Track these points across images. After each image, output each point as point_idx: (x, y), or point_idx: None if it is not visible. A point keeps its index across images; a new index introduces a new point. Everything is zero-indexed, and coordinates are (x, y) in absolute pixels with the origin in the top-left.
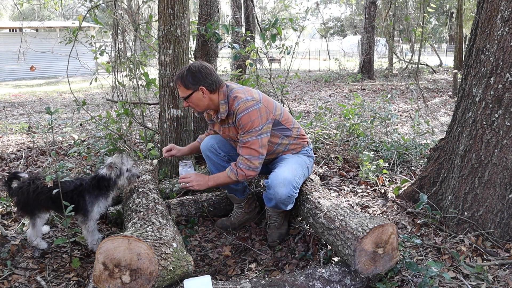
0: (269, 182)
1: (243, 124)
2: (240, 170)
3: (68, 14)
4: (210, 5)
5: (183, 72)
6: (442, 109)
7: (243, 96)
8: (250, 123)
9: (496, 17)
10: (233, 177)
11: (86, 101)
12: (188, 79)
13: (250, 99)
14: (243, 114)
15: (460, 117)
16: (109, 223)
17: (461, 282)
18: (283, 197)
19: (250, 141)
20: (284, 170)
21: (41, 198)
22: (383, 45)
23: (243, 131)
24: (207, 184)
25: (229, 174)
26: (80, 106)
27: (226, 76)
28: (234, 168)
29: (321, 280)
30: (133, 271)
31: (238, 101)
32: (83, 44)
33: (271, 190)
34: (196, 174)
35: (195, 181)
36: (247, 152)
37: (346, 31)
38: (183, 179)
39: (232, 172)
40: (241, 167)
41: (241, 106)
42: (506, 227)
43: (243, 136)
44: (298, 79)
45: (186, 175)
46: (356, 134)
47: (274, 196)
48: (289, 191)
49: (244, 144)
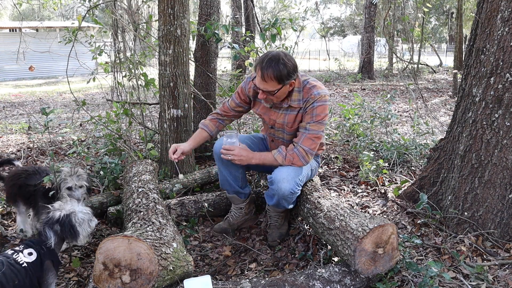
0: (272, 177)
1: (317, 113)
2: (291, 156)
3: (67, 14)
4: (210, 5)
5: (277, 66)
6: (442, 109)
7: (323, 88)
8: (323, 115)
9: (496, 17)
10: (279, 161)
11: (86, 101)
12: (285, 75)
13: (327, 93)
14: (320, 104)
15: (460, 117)
16: (109, 223)
17: (461, 282)
18: (286, 193)
19: (318, 134)
20: (288, 166)
21: (23, 191)
22: (383, 45)
23: (314, 120)
24: (250, 161)
25: (276, 157)
26: (80, 106)
27: (226, 76)
28: (284, 152)
29: (321, 280)
30: (133, 271)
31: (317, 90)
32: (83, 44)
33: (274, 185)
34: (240, 147)
35: (238, 155)
36: (309, 144)
37: (346, 31)
38: (226, 150)
39: (281, 156)
40: (296, 154)
41: (321, 96)
42: (506, 227)
43: (312, 125)
44: None
45: (230, 147)
46: (356, 134)
47: (276, 191)
48: (292, 187)
49: (311, 134)
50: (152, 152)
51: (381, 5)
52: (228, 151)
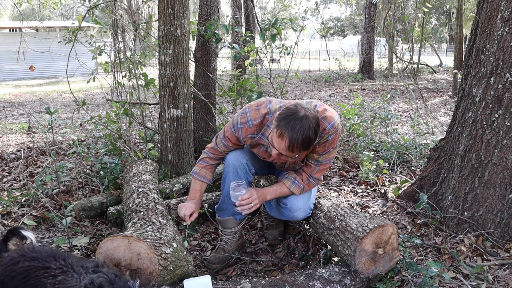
0: (288, 206)
1: (330, 144)
2: (307, 186)
3: (67, 14)
4: (210, 5)
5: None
6: (442, 109)
7: (333, 116)
8: (335, 143)
9: (496, 17)
10: (296, 192)
11: (86, 101)
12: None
13: (338, 118)
14: (335, 135)
15: (460, 117)
16: (109, 223)
17: (461, 282)
18: (299, 219)
19: (328, 163)
20: (304, 194)
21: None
22: (383, 45)
23: (326, 151)
24: (265, 198)
25: (292, 189)
26: (80, 106)
27: (226, 76)
28: (302, 184)
29: (321, 280)
30: (133, 271)
31: (329, 122)
32: (83, 44)
33: (290, 213)
34: (255, 189)
35: (254, 203)
36: (320, 174)
37: (346, 31)
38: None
39: (298, 188)
40: (312, 183)
41: (335, 127)
42: (506, 227)
43: (324, 156)
44: (298, 79)
45: (248, 195)
46: (356, 134)
47: (291, 218)
48: (306, 214)
49: (323, 165)
50: (152, 152)
51: (381, 5)
52: (245, 206)
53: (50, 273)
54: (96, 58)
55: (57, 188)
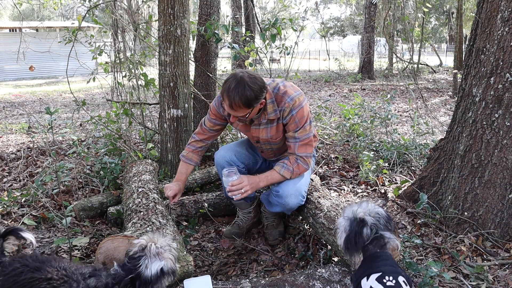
0: (280, 192)
1: (299, 119)
2: (297, 168)
3: (67, 14)
4: (210, 5)
5: (244, 92)
6: (442, 109)
7: (293, 91)
8: (305, 118)
9: (496, 17)
10: (286, 176)
11: (86, 101)
12: (252, 99)
13: (300, 93)
14: (299, 109)
15: (460, 117)
16: (109, 223)
17: (461, 282)
18: (293, 207)
19: (307, 138)
20: (295, 180)
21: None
22: (383, 45)
23: (299, 126)
24: (259, 185)
25: (283, 173)
26: (80, 106)
27: (226, 76)
28: (290, 167)
29: (321, 280)
30: None
31: (290, 96)
32: (83, 44)
33: (281, 200)
34: (247, 176)
35: (250, 185)
36: (304, 149)
37: (346, 31)
38: (237, 186)
39: (287, 171)
40: (300, 163)
41: (296, 101)
42: (506, 227)
43: (299, 132)
44: (298, 79)
45: (238, 182)
46: (356, 134)
47: (283, 205)
48: (299, 201)
49: (302, 141)
50: (152, 152)
51: (381, 5)
52: (235, 191)
53: (52, 284)
54: (96, 58)
55: (57, 188)
